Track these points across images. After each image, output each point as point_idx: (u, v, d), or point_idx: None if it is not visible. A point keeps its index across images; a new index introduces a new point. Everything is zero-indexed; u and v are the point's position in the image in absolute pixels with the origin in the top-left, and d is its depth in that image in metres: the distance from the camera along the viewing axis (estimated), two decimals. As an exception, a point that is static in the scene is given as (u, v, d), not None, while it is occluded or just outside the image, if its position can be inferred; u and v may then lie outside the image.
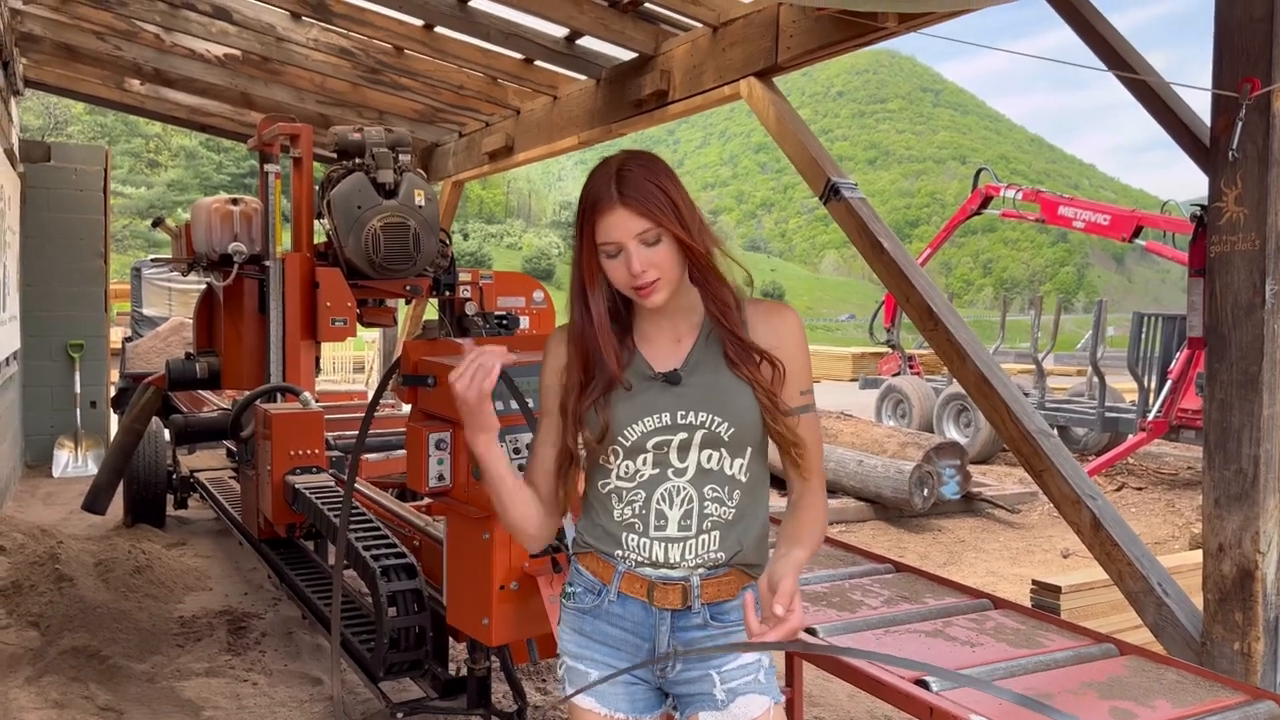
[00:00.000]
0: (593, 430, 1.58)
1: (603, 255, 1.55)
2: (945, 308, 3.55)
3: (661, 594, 1.61)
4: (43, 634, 4.21)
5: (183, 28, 5.89)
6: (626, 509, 1.61)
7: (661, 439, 1.57)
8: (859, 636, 2.66)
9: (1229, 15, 2.67)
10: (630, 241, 1.51)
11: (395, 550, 3.14)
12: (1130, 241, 9.84)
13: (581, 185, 1.61)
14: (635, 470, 1.60)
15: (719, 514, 1.60)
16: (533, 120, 6.52)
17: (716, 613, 1.62)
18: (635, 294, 1.55)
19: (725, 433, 1.57)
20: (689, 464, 1.58)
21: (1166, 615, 2.89)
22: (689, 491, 1.59)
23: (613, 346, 1.59)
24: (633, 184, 1.52)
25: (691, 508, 1.59)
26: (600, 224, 1.53)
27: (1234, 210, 2.66)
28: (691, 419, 1.57)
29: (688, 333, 1.63)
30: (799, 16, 4.04)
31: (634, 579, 1.62)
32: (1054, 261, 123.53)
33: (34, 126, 36.28)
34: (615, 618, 1.65)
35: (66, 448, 8.31)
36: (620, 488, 1.61)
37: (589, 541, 1.67)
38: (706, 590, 1.61)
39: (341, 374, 19.49)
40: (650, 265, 1.52)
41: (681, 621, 1.62)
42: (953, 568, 6.35)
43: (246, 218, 4.94)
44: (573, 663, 1.69)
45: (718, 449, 1.58)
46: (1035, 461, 3.20)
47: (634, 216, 1.50)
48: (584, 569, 1.68)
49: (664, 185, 1.53)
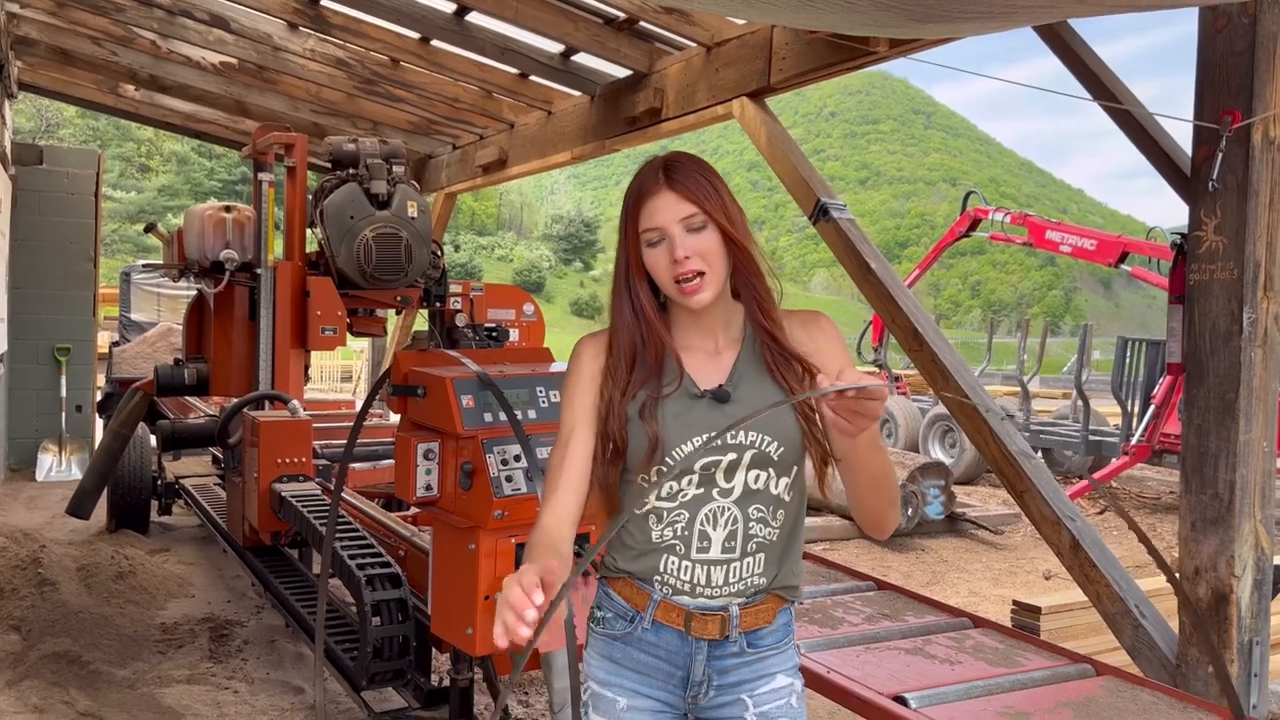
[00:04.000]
0: (637, 443, 1.50)
1: (645, 245, 1.51)
2: (931, 329, 3.60)
3: (700, 624, 1.55)
4: (24, 638, 4.20)
5: (180, 35, 5.92)
6: (667, 530, 1.53)
7: (710, 460, 1.50)
8: (840, 653, 2.69)
9: (1210, 48, 2.73)
10: (674, 226, 1.47)
11: (380, 559, 3.15)
12: (1116, 267, 9.93)
13: (570, 202, 1.61)
14: (679, 490, 1.52)
15: (764, 535, 1.54)
16: (526, 134, 6.56)
17: (753, 639, 1.58)
18: (678, 290, 1.49)
19: (775, 452, 1.51)
20: (735, 484, 1.51)
21: (1143, 637, 2.92)
22: (734, 512, 1.52)
23: (661, 335, 1.53)
24: (681, 172, 1.50)
25: (736, 529, 1.52)
26: (645, 209, 1.50)
27: (1213, 239, 2.71)
28: (742, 439, 1.50)
29: (727, 346, 1.57)
30: (791, 39, 4.10)
31: (670, 608, 1.55)
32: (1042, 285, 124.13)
33: (26, 129, 36.17)
34: (649, 646, 1.58)
35: (51, 452, 8.28)
36: (661, 508, 1.53)
37: (621, 567, 1.60)
38: (745, 619, 1.56)
39: (329, 383, 19.47)
40: (695, 253, 1.47)
41: (718, 650, 1.57)
42: (935, 587, 6.37)
43: (239, 225, 4.95)
44: (599, 689, 1.63)
45: (766, 469, 1.52)
46: (1017, 482, 3.24)
47: (680, 200, 1.48)
48: (615, 594, 1.61)
49: (711, 178, 1.51)
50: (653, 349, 1.53)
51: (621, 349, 1.54)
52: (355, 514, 3.83)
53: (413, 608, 3.03)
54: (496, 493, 2.39)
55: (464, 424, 2.47)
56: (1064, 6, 1.73)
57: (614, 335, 1.56)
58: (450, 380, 2.47)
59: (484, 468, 2.41)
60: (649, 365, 1.52)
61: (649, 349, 1.53)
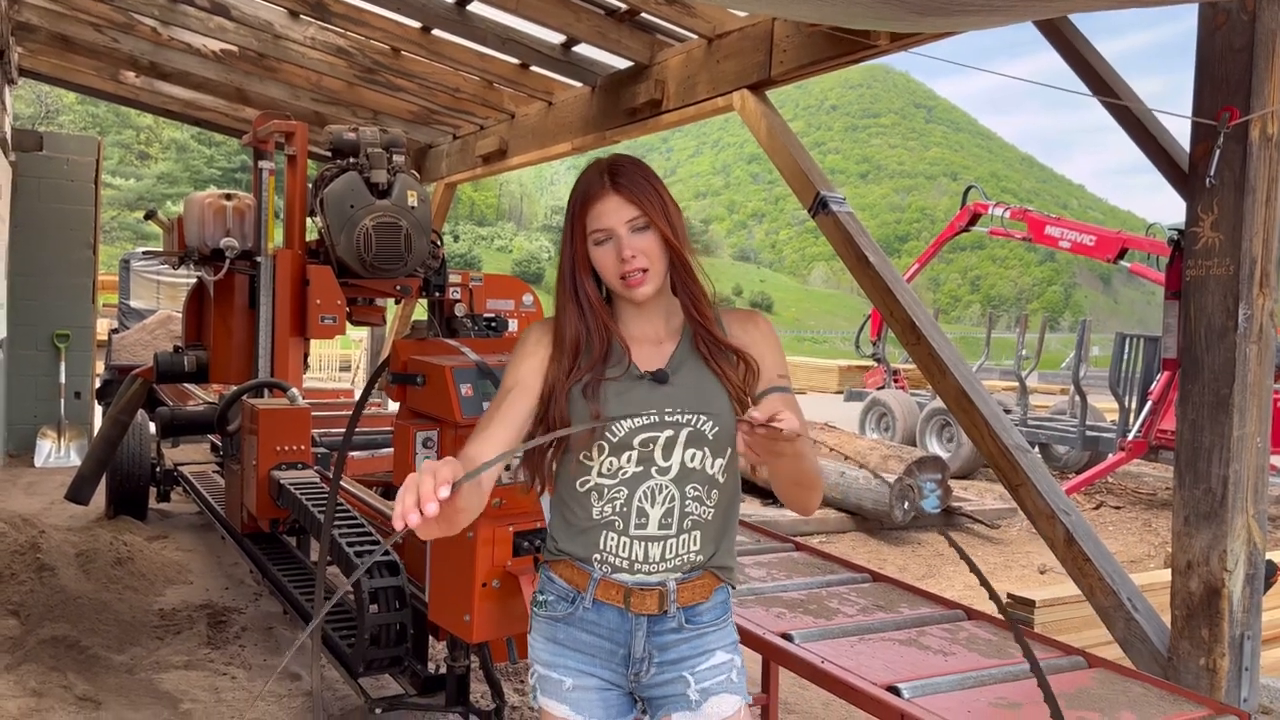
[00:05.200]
0: (579, 418, 1.59)
1: (591, 245, 1.61)
2: (929, 323, 3.61)
3: (638, 600, 1.63)
4: (22, 623, 4.22)
5: (180, 22, 5.91)
6: (607, 506, 1.62)
7: (648, 435, 1.59)
8: (834, 643, 2.70)
9: (1210, 45, 2.74)
10: (621, 227, 1.59)
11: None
12: (1115, 263, 9.95)
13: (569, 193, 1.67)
14: (618, 468, 1.61)
15: (699, 513, 1.63)
16: (527, 125, 6.56)
17: (691, 615, 1.66)
18: (623, 285, 1.60)
19: (710, 431, 1.61)
20: (673, 462, 1.60)
21: (1135, 630, 2.94)
22: (671, 490, 1.61)
23: (607, 323, 1.64)
24: (626, 175, 1.61)
25: (673, 506, 1.61)
26: (592, 211, 1.60)
27: (1210, 236, 2.72)
28: (678, 417, 1.60)
29: (669, 337, 1.68)
30: (792, 31, 4.10)
31: (610, 586, 1.64)
32: (1041, 280, 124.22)
33: (25, 115, 36.09)
34: (590, 625, 1.66)
35: (49, 438, 8.29)
36: (601, 484, 1.62)
37: (562, 549, 1.68)
38: (682, 594, 1.64)
39: (328, 372, 19.46)
40: (639, 252, 1.58)
41: (657, 626, 1.65)
42: (931, 580, 6.40)
43: (239, 213, 4.95)
44: (545, 670, 1.70)
45: (701, 448, 1.61)
46: (1012, 476, 3.25)
47: (626, 204, 1.59)
48: (557, 577, 1.69)
49: (654, 183, 1.63)
50: (598, 337, 1.63)
51: (567, 341, 1.63)
52: (353, 502, 3.85)
53: (410, 595, 3.05)
54: (495, 481, 2.40)
55: (463, 412, 2.48)
56: (1064, 2, 1.74)
57: (559, 329, 1.65)
58: (449, 369, 2.48)
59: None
60: (594, 354, 1.62)
61: (594, 337, 1.63)
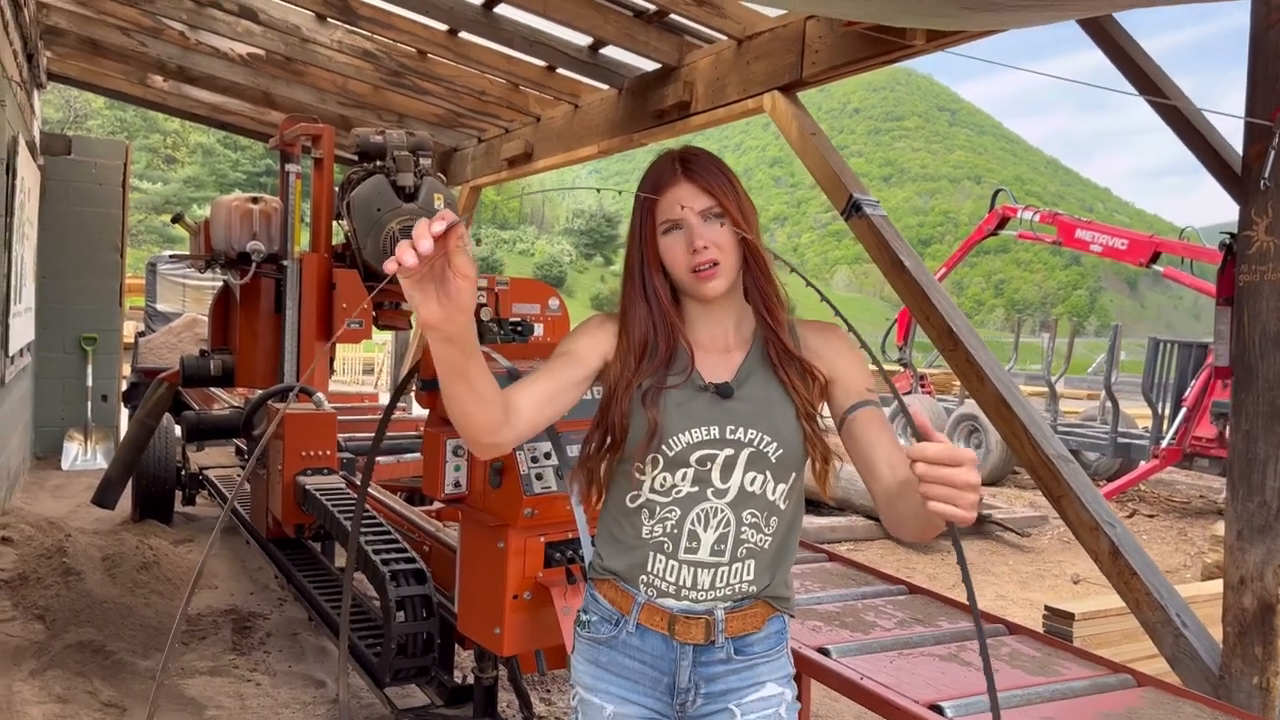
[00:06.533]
0: (637, 428, 1.49)
1: (660, 234, 1.52)
2: (966, 329, 3.52)
3: (684, 628, 1.52)
4: (48, 628, 4.20)
5: (208, 26, 5.90)
6: (657, 526, 1.52)
7: (706, 453, 1.48)
8: (872, 658, 2.63)
9: (1264, 43, 2.65)
10: (692, 216, 1.50)
11: (405, 555, 3.12)
12: (1148, 267, 9.79)
13: (591, 196, 1.58)
14: (672, 485, 1.51)
15: (755, 541, 1.52)
16: (553, 128, 6.51)
17: (741, 646, 1.54)
18: (692, 278, 1.50)
19: (773, 453, 1.49)
20: (731, 485, 1.49)
21: (1184, 647, 2.85)
22: (727, 514, 1.50)
23: (675, 324, 1.53)
24: (698, 165, 1.52)
25: (728, 532, 1.50)
26: (663, 200, 1.52)
27: (1264, 240, 2.63)
28: (740, 435, 1.49)
29: (738, 345, 1.57)
30: (825, 32, 4.03)
31: (654, 611, 1.53)
32: (1066, 284, 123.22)
33: (54, 119, 36.51)
34: (633, 650, 1.56)
35: (76, 440, 8.33)
36: (653, 502, 1.52)
37: (607, 567, 1.59)
38: (731, 624, 1.53)
39: (351, 375, 19.53)
40: (711, 243, 1.48)
41: (704, 656, 1.54)
42: (961, 589, 6.29)
43: (266, 217, 4.94)
44: (587, 694, 1.60)
45: (763, 471, 1.50)
46: (1054, 486, 3.17)
47: (698, 192, 1.50)
48: (601, 597, 1.60)
49: (727, 173, 1.54)
50: (665, 338, 1.52)
51: (633, 339, 1.53)
52: (379, 508, 3.81)
53: (437, 604, 3.00)
54: (526, 490, 2.35)
55: (493, 420, 2.42)
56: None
57: (625, 326, 1.55)
58: (480, 375, 2.43)
59: (514, 465, 2.37)
60: (659, 356, 1.52)
61: (661, 338, 1.52)
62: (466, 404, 1.35)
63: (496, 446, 1.46)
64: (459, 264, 1.17)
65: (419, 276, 1.17)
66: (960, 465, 1.16)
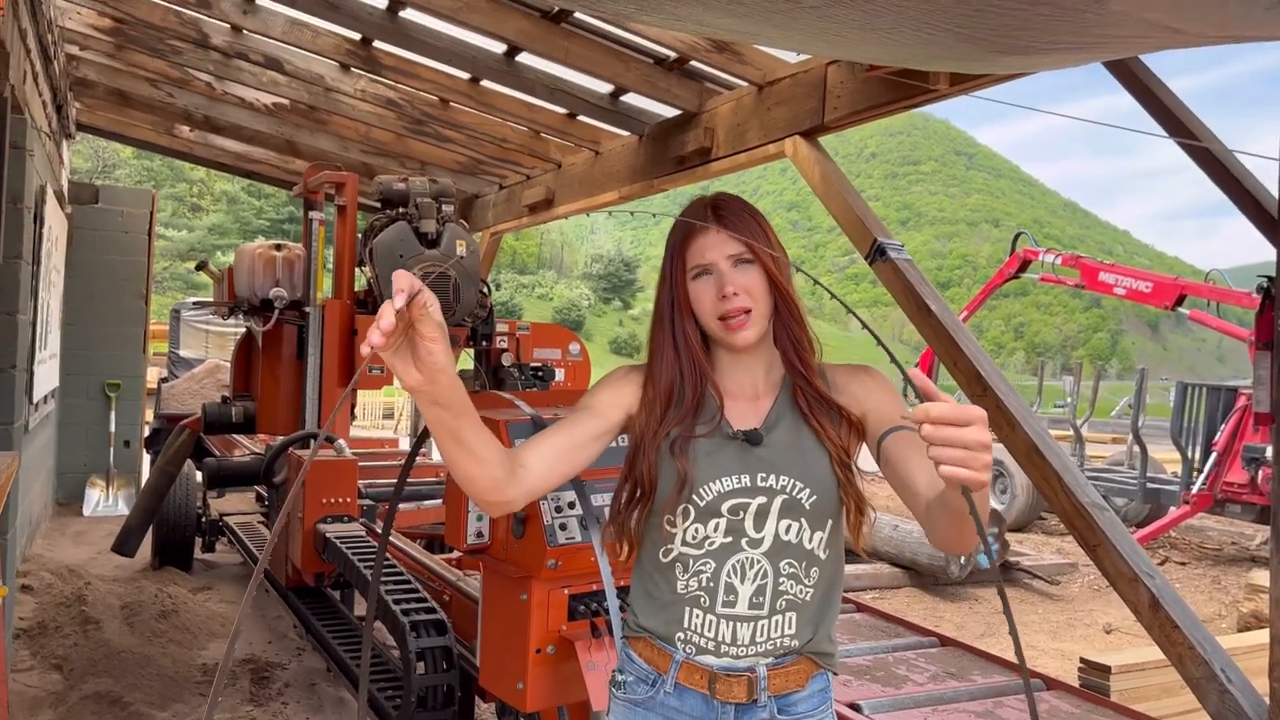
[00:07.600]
0: (666, 479, 1.46)
1: (690, 280, 1.50)
2: (994, 373, 3.46)
3: (725, 686, 1.47)
4: (65, 677, 4.16)
5: (234, 77, 5.99)
6: (692, 580, 1.47)
7: (738, 502, 1.45)
8: (906, 715, 2.55)
9: (1296, 84, 2.62)
10: (723, 262, 1.48)
11: (426, 605, 3.07)
12: (1173, 310, 9.69)
13: (610, 241, 1.56)
14: (705, 537, 1.46)
15: (795, 593, 1.47)
16: (574, 174, 6.54)
17: (784, 705, 1.49)
18: (721, 326, 1.47)
19: (806, 500, 1.46)
20: (765, 534, 1.46)
21: (1230, 704, 2.74)
22: (764, 565, 1.46)
23: (704, 370, 1.50)
24: (730, 210, 1.51)
25: (765, 584, 1.46)
26: (694, 245, 1.50)
27: (1303, 282, 2.58)
28: (771, 482, 1.45)
29: (767, 391, 1.54)
30: (846, 77, 4.03)
31: (693, 669, 1.48)
32: (1087, 327, 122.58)
33: (83, 169, 37.20)
34: (672, 711, 1.50)
35: (98, 487, 8.33)
36: (687, 555, 1.48)
37: (642, 625, 1.54)
38: (774, 681, 1.48)
39: (372, 420, 19.55)
40: (742, 290, 1.46)
41: (746, 716, 1.48)
42: (990, 639, 6.15)
43: (289, 263, 4.96)
44: None
45: (797, 519, 1.46)
46: (1089, 536, 3.08)
47: (729, 239, 1.48)
48: (636, 656, 1.54)
49: (759, 220, 1.52)
50: (692, 386, 1.50)
51: (659, 388, 1.50)
52: (399, 556, 3.76)
53: (458, 656, 2.94)
54: (550, 541, 2.31)
55: (517, 469, 2.38)
56: (1158, 37, 1.64)
57: (652, 373, 1.52)
58: (504, 423, 2.40)
59: (538, 515, 2.32)
60: (686, 404, 1.49)
61: (688, 385, 1.49)
62: (465, 466, 1.35)
63: (505, 505, 1.43)
64: (423, 330, 1.22)
65: (393, 349, 1.22)
66: (970, 424, 1.08)
